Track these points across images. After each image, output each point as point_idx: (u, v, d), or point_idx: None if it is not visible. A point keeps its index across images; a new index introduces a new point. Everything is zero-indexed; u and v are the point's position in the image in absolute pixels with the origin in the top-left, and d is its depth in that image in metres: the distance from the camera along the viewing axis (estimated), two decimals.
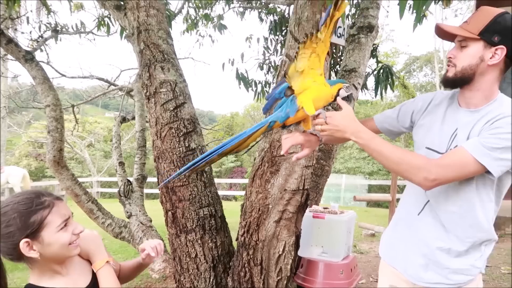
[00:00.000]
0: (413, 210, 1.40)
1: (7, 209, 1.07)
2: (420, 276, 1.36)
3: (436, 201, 1.33)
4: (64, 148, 3.64)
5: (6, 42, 3.46)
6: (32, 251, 1.06)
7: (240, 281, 2.37)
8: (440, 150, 1.33)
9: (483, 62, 1.22)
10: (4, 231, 1.05)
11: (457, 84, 1.29)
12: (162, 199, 2.60)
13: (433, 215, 1.34)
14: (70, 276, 1.16)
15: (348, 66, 3.57)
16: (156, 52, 2.59)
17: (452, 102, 1.37)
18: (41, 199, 1.09)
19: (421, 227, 1.37)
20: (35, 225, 1.06)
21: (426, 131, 1.40)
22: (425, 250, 1.35)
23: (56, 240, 1.09)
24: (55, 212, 1.10)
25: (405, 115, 1.48)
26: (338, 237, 2.67)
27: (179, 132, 2.52)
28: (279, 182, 2.28)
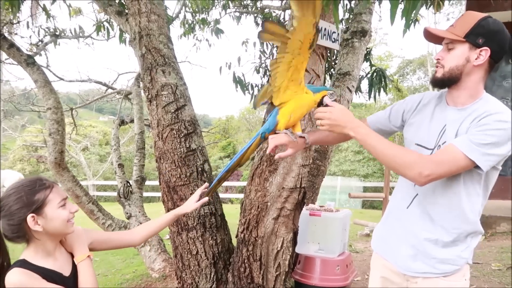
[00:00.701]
0: (403, 203, 1.47)
1: (12, 192, 1.22)
2: (409, 266, 1.43)
3: (424, 195, 1.42)
4: (65, 150, 3.71)
5: (8, 46, 3.54)
6: (37, 225, 1.21)
7: (240, 277, 2.46)
8: (429, 146, 1.40)
9: (469, 63, 1.31)
10: (12, 209, 1.20)
11: (445, 84, 1.38)
12: (163, 198, 2.68)
13: (421, 208, 1.41)
14: (58, 262, 1.29)
15: (343, 70, 3.68)
16: (157, 56, 2.68)
17: (440, 101, 1.45)
18: (42, 181, 1.26)
19: (409, 219, 1.44)
20: (39, 202, 1.21)
21: (416, 128, 1.47)
22: (413, 241, 1.42)
23: (57, 216, 1.24)
24: (55, 191, 1.26)
25: (396, 115, 1.56)
26: (333, 234, 2.77)
27: (180, 133, 2.61)
28: (277, 180, 2.38)
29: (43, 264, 1.23)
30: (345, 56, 3.72)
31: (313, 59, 2.26)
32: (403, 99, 1.59)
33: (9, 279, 1.17)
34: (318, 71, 2.30)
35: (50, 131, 3.66)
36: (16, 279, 1.16)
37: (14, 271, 1.18)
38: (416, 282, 1.43)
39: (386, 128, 1.60)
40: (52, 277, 1.23)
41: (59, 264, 1.28)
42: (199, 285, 2.57)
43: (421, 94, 1.55)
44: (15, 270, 1.19)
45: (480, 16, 1.31)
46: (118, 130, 5.00)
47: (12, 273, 1.18)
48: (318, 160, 3.34)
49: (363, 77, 4.67)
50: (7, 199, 1.22)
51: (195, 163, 2.63)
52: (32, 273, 1.19)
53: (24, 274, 1.18)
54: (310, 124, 2.34)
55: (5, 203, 1.21)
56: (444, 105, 1.42)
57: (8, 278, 1.17)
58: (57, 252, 1.30)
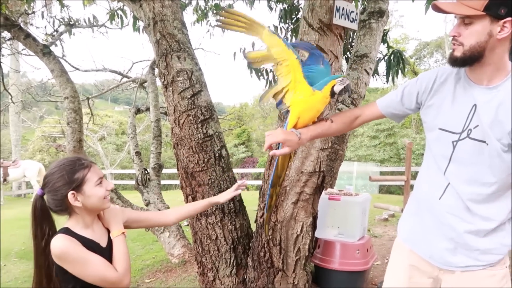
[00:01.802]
0: (433, 194, 1.36)
1: (55, 170, 1.34)
2: (448, 260, 1.34)
3: (458, 184, 1.30)
4: (83, 139, 3.75)
5: (24, 36, 3.56)
6: (77, 201, 1.33)
7: (260, 261, 2.46)
8: (455, 129, 1.29)
9: (492, 37, 1.17)
10: (55, 185, 1.32)
11: (467, 63, 1.25)
12: (182, 184, 2.69)
13: (456, 198, 1.30)
14: (96, 234, 1.41)
15: (360, 52, 3.60)
16: (172, 42, 2.66)
17: (460, 79, 1.32)
18: (81, 161, 1.37)
19: (443, 211, 1.33)
20: (79, 180, 1.33)
21: (436, 111, 1.36)
22: (451, 234, 1.32)
23: (94, 193, 1.34)
24: (93, 171, 1.37)
25: (410, 97, 1.43)
26: (353, 218, 2.75)
27: (196, 119, 2.60)
28: (296, 164, 2.35)
29: (83, 234, 1.36)
30: (362, 37, 3.63)
31: (331, 39, 2.20)
32: (415, 79, 1.46)
33: (55, 243, 1.29)
34: (336, 52, 2.24)
35: (68, 120, 3.70)
36: (60, 243, 1.28)
37: (59, 237, 1.31)
38: (453, 273, 1.35)
39: (399, 112, 1.50)
40: (91, 245, 1.35)
41: (96, 235, 1.40)
42: (219, 270, 2.59)
43: (434, 71, 1.42)
44: (60, 236, 1.31)
45: None
46: (134, 118, 5.03)
47: (57, 238, 1.30)
48: (336, 144, 3.30)
49: (380, 59, 4.57)
50: (51, 176, 1.34)
51: (212, 149, 2.62)
52: (74, 239, 1.31)
53: (67, 240, 1.30)
54: (329, 107, 2.29)
55: (49, 180, 1.34)
56: (467, 83, 1.30)
57: (54, 242, 1.29)
58: (95, 225, 1.42)
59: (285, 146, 1.40)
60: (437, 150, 1.36)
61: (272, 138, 1.39)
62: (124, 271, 1.38)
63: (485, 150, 1.23)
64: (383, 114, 1.53)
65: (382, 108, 1.52)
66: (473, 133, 1.26)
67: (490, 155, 1.23)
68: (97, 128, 18.97)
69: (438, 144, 1.35)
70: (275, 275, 2.45)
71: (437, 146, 1.36)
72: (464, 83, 1.31)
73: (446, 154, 1.32)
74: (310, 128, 1.48)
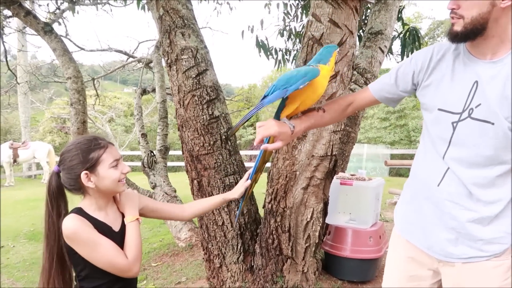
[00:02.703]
0: (431, 180, 1.25)
1: (71, 148, 1.31)
2: (449, 252, 1.23)
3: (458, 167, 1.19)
4: (87, 120, 3.65)
5: (25, 14, 3.43)
6: (89, 182, 1.28)
7: (268, 248, 2.36)
8: (455, 109, 1.18)
9: (495, 7, 1.06)
10: (69, 164, 1.29)
11: (468, 37, 1.13)
12: (187, 167, 2.58)
13: (457, 183, 1.19)
14: (109, 217, 1.36)
15: (374, 29, 3.41)
16: (176, 17, 2.51)
17: (459, 54, 1.21)
18: (98, 141, 1.32)
19: (443, 198, 1.22)
20: (93, 161, 1.28)
21: (434, 91, 1.24)
22: (452, 223, 1.21)
23: (109, 175, 1.30)
24: (109, 152, 1.31)
25: (405, 79, 1.32)
26: (366, 203, 2.63)
27: (202, 99, 2.47)
28: (306, 148, 2.22)
29: (96, 216, 1.32)
30: (377, 13, 3.44)
31: (346, 13, 2.03)
32: (409, 58, 1.33)
33: (66, 223, 1.25)
34: (351, 27, 2.08)
35: (71, 101, 3.60)
36: (71, 223, 1.25)
37: (70, 216, 1.27)
38: (453, 265, 1.24)
39: (393, 96, 1.37)
40: (103, 228, 1.31)
41: (109, 219, 1.36)
42: (225, 256, 2.50)
43: (429, 48, 1.29)
44: (72, 216, 1.28)
45: None
46: (140, 99, 4.92)
47: (69, 218, 1.26)
48: (348, 127, 3.15)
49: (395, 37, 4.36)
50: (66, 154, 1.30)
51: (218, 131, 2.50)
52: (86, 220, 1.28)
53: (79, 220, 1.27)
54: (342, 86, 2.14)
55: (64, 157, 1.30)
56: (468, 58, 1.18)
57: (65, 222, 1.26)
58: (109, 209, 1.38)
59: (278, 140, 1.25)
60: (435, 133, 1.24)
61: (264, 131, 1.23)
62: (134, 259, 1.32)
63: (489, 131, 1.12)
64: (376, 99, 1.40)
65: (375, 93, 1.39)
66: (475, 113, 1.15)
67: (496, 136, 1.12)
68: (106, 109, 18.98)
69: (437, 126, 1.23)
70: (283, 262, 2.36)
71: (435, 128, 1.24)
72: (464, 59, 1.19)
73: (445, 136, 1.20)
74: (302, 119, 1.34)
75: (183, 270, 3.29)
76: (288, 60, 5.19)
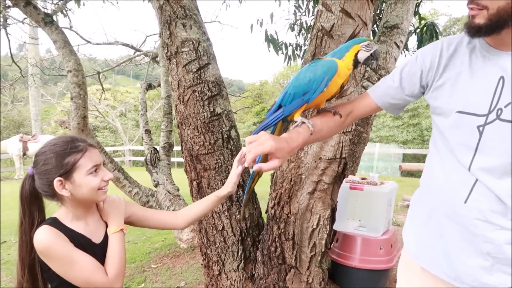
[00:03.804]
0: (455, 197, 1.05)
1: (45, 150, 1.17)
2: (483, 281, 1.03)
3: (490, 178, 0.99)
4: (88, 115, 3.53)
5: (24, 4, 3.31)
6: (64, 189, 1.15)
7: (270, 256, 2.20)
8: (480, 111, 1.00)
9: None
10: (42, 168, 1.15)
11: (493, 30, 0.95)
12: (186, 168, 2.43)
13: (488, 198, 1.00)
14: (89, 227, 1.23)
15: (390, 22, 3.21)
16: (177, 7, 2.35)
17: (474, 47, 1.04)
18: (75, 144, 1.18)
19: (472, 218, 1.01)
20: (69, 166, 1.15)
21: (450, 91, 1.06)
22: (487, 248, 1.01)
23: (86, 183, 1.16)
24: (87, 156, 1.17)
25: (412, 80, 1.14)
26: (377, 210, 2.44)
27: (203, 95, 2.31)
28: (313, 150, 2.05)
29: (73, 227, 1.20)
30: (393, 6, 3.23)
31: (360, 2, 1.85)
32: (414, 56, 1.14)
33: (38, 236, 1.12)
34: (366, 18, 1.89)
35: (71, 95, 3.47)
36: (44, 237, 1.12)
37: (43, 228, 1.14)
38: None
39: (399, 101, 1.18)
40: (80, 241, 1.18)
41: (89, 229, 1.23)
42: (225, 263, 2.35)
43: (437, 43, 1.11)
44: (45, 228, 1.14)
45: None
46: (145, 94, 4.78)
47: (41, 230, 1.13)
48: (359, 126, 2.96)
49: (411, 32, 4.15)
50: (39, 156, 1.18)
51: (220, 129, 2.33)
52: (60, 233, 1.15)
53: (53, 233, 1.13)
54: (354, 83, 1.96)
55: (38, 160, 1.17)
56: (487, 51, 1.01)
57: (37, 235, 1.13)
58: (89, 218, 1.25)
59: (274, 157, 0.99)
60: (456, 140, 1.04)
61: (258, 148, 0.97)
62: (115, 276, 1.19)
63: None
64: (379, 106, 1.21)
65: (377, 99, 1.20)
66: (505, 113, 0.96)
67: None
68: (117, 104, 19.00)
69: (457, 132, 1.04)
70: (286, 272, 2.20)
71: (455, 135, 1.04)
72: (483, 51, 1.02)
73: (470, 143, 1.01)
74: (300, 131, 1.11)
75: (183, 273, 3.15)
76: (298, 56, 5.00)
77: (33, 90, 12.79)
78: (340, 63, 1.12)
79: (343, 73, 1.13)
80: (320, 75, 1.09)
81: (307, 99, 1.10)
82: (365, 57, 1.12)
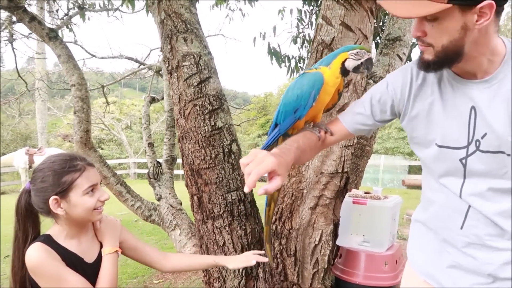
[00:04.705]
0: (451, 224, 1.04)
1: (44, 167, 1.17)
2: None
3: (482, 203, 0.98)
4: (91, 129, 3.53)
5: (29, 19, 3.35)
6: (59, 208, 1.15)
7: (272, 273, 2.16)
8: (459, 144, 0.98)
9: (470, 30, 0.86)
10: (39, 185, 1.16)
11: (444, 65, 0.94)
12: (187, 182, 2.41)
13: (484, 223, 0.99)
14: (82, 246, 1.22)
15: (392, 35, 3.21)
16: (178, 21, 2.36)
17: (442, 76, 1.01)
18: (74, 162, 1.18)
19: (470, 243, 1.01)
20: (65, 185, 1.15)
21: (425, 124, 1.04)
22: (488, 269, 1.00)
23: (82, 203, 1.16)
24: (85, 176, 1.18)
25: (383, 108, 1.12)
26: (381, 225, 2.39)
27: (204, 109, 2.30)
28: (314, 164, 2.02)
29: (66, 245, 1.19)
30: (395, 19, 3.24)
31: (360, 15, 1.84)
32: (384, 83, 1.11)
33: (29, 254, 1.12)
34: (366, 30, 1.88)
35: (74, 109, 3.49)
36: (35, 255, 1.12)
37: (35, 246, 1.13)
38: None
39: (369, 128, 1.17)
40: (72, 260, 1.18)
41: (82, 248, 1.23)
42: (226, 280, 2.30)
43: (406, 71, 1.08)
44: (37, 245, 1.14)
45: None
46: (148, 107, 4.80)
47: (33, 248, 1.13)
48: (362, 139, 2.94)
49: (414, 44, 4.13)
50: (38, 172, 1.18)
51: (221, 143, 2.32)
52: (52, 251, 1.15)
53: (44, 251, 1.13)
54: (355, 96, 1.94)
55: (36, 176, 1.17)
56: (454, 79, 0.98)
57: (29, 252, 1.12)
58: (83, 237, 1.25)
59: (276, 176, 0.88)
60: (442, 171, 1.04)
61: (260, 169, 0.86)
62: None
63: (507, 161, 0.93)
64: (350, 133, 1.19)
65: (348, 125, 1.17)
66: (484, 145, 0.94)
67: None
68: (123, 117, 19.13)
69: (442, 165, 1.03)
70: None
71: (440, 167, 1.04)
72: (450, 80, 1.00)
73: (457, 173, 1.00)
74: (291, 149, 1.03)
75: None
76: (301, 68, 5.01)
77: (39, 103, 12.91)
78: (327, 71, 1.10)
79: (332, 82, 1.11)
80: (307, 90, 1.08)
81: (299, 116, 1.08)
82: (354, 66, 1.10)
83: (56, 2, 4.29)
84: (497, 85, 0.91)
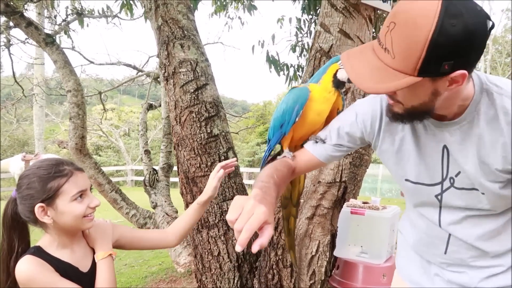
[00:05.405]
0: (434, 248, 1.04)
1: (29, 173, 1.10)
2: None
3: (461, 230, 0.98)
4: (86, 135, 3.50)
5: (26, 25, 3.33)
6: (46, 216, 1.08)
7: (267, 284, 2.11)
8: (433, 181, 0.97)
9: (441, 95, 0.82)
10: (24, 192, 1.09)
11: (415, 118, 0.90)
12: (182, 190, 2.37)
13: (465, 248, 0.99)
14: (76, 255, 1.16)
15: None
16: (175, 28, 2.34)
17: None
18: (60, 167, 1.11)
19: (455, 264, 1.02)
20: (51, 192, 1.08)
21: (397, 160, 1.02)
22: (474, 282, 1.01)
23: (70, 210, 1.09)
24: (72, 182, 1.10)
25: (351, 139, 1.09)
26: (380, 236, 2.34)
27: (200, 116, 2.27)
28: (312, 173, 1.98)
29: (59, 255, 1.12)
30: None
31: (358, 23, 1.82)
32: (353, 114, 1.07)
33: (19, 268, 1.05)
34: (365, 38, 1.86)
35: (70, 115, 3.46)
36: (27, 268, 1.05)
37: (26, 259, 1.07)
38: None
39: (341, 153, 1.13)
40: (66, 271, 1.11)
41: (76, 258, 1.16)
42: None
43: (375, 104, 1.03)
44: (28, 258, 1.07)
45: (428, 28, 0.72)
46: (145, 115, 4.78)
47: (23, 261, 1.06)
48: (361, 148, 2.90)
49: None
50: (23, 179, 1.10)
51: (217, 151, 2.28)
52: (45, 263, 1.08)
53: (36, 264, 1.07)
54: None
55: (21, 183, 1.10)
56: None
57: (19, 266, 1.06)
58: (76, 245, 1.18)
59: (266, 225, 0.77)
60: (418, 202, 1.04)
61: (253, 223, 0.75)
62: None
63: (481, 197, 0.93)
64: (322, 162, 1.13)
65: (319, 155, 1.11)
66: (458, 182, 0.94)
67: (488, 199, 0.93)
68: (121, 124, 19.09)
69: (418, 197, 1.03)
70: None
71: (417, 198, 1.04)
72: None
73: (433, 205, 1.00)
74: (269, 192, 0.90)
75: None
76: (300, 77, 4.99)
77: (37, 109, 12.85)
78: (316, 88, 1.06)
79: (323, 98, 1.07)
80: (291, 105, 1.05)
81: (284, 131, 1.05)
82: (346, 77, 1.06)
83: (55, 8, 4.28)
84: (466, 126, 0.90)
